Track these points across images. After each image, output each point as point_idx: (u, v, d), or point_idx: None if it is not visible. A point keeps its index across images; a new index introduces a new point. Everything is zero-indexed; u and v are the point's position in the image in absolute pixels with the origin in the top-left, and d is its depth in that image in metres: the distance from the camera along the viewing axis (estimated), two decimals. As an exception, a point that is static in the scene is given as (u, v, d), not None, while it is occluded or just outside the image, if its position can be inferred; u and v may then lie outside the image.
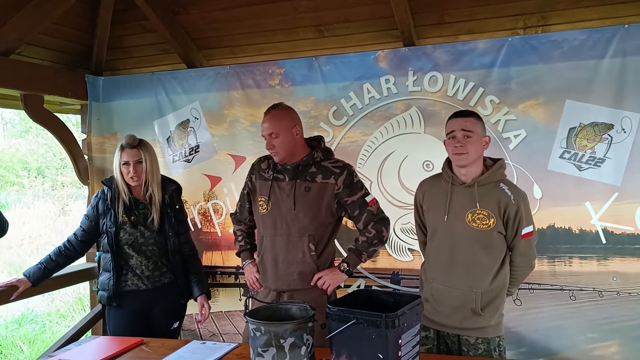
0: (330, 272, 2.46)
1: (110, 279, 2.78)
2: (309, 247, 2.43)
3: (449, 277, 2.31)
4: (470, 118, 2.28)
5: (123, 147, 2.77)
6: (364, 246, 2.49)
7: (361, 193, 2.49)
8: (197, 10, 3.63)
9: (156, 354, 2.17)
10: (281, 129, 2.40)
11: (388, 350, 1.65)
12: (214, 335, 3.58)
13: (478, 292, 2.24)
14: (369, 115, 3.26)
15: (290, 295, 2.44)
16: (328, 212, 2.47)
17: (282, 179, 2.49)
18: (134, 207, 2.81)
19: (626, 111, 2.80)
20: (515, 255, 2.31)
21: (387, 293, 2.01)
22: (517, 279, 2.38)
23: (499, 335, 2.31)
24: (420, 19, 3.26)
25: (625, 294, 2.84)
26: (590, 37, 2.84)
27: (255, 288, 2.59)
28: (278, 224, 2.47)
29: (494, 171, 2.29)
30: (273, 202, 2.48)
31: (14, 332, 5.74)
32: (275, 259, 2.47)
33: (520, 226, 2.25)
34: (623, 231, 2.85)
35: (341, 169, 2.48)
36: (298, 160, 2.47)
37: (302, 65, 3.38)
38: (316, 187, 2.44)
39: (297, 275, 2.44)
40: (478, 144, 2.25)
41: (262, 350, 1.74)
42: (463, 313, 2.26)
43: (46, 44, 3.54)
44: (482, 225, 2.24)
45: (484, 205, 2.24)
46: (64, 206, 11.34)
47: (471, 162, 2.26)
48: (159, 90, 3.69)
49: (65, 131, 3.73)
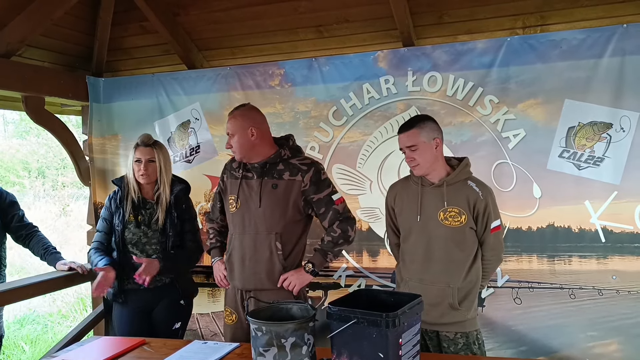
0: (296, 273, 2.47)
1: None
2: (276, 245, 2.44)
3: (425, 274, 2.37)
4: (410, 131, 2.36)
5: (137, 145, 2.85)
6: (329, 246, 2.50)
7: (328, 191, 2.50)
8: (197, 11, 3.63)
9: (158, 354, 2.18)
10: (236, 130, 2.46)
11: (389, 349, 1.66)
12: (215, 334, 3.60)
13: (454, 287, 2.32)
14: (369, 115, 3.27)
15: (256, 294, 2.38)
16: (295, 210, 2.48)
17: (251, 177, 2.52)
18: (141, 206, 2.84)
19: (625, 110, 2.80)
20: (486, 249, 2.39)
21: (388, 292, 2.03)
22: (487, 273, 2.47)
23: (476, 329, 2.39)
24: (419, 19, 3.27)
25: (624, 292, 2.85)
26: (589, 37, 2.85)
27: (223, 285, 2.63)
28: (246, 222, 2.49)
29: (461, 170, 2.38)
30: (242, 200, 2.50)
31: (15, 332, 5.74)
32: (243, 257, 2.49)
33: (489, 220, 2.35)
34: (622, 230, 2.86)
35: (308, 166, 2.49)
36: (264, 158, 2.49)
37: (302, 65, 3.39)
38: (283, 184, 2.46)
39: (264, 274, 2.46)
40: (427, 152, 2.35)
41: (264, 350, 1.75)
42: (441, 309, 2.32)
43: (47, 46, 3.55)
44: (454, 222, 2.32)
45: (453, 203, 2.33)
46: (65, 206, 11.34)
47: (427, 169, 2.37)
48: (159, 91, 3.71)
49: (66, 132, 3.74)
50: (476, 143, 3.06)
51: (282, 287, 2.46)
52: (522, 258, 3.03)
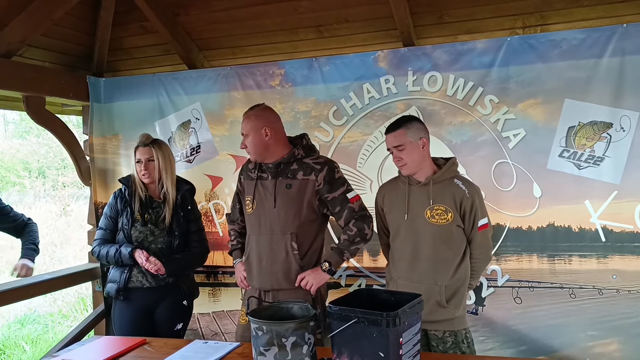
0: (313, 272, 2.46)
1: (123, 272, 2.82)
2: (291, 245, 2.44)
3: (413, 273, 2.39)
4: (397, 131, 2.39)
5: (137, 146, 2.89)
6: (345, 244, 2.49)
7: (342, 189, 2.49)
8: (197, 11, 3.64)
9: (159, 354, 2.18)
10: (250, 130, 2.46)
11: (389, 348, 1.67)
12: (216, 334, 3.60)
13: (442, 285, 2.34)
14: (369, 115, 3.28)
15: (274, 294, 2.45)
16: (310, 209, 2.47)
17: (266, 177, 2.52)
18: (148, 205, 2.85)
19: (625, 110, 2.81)
20: (474, 247, 2.41)
21: (388, 292, 2.03)
22: (476, 271, 2.48)
23: (465, 328, 2.40)
24: (419, 19, 3.28)
25: (624, 292, 2.85)
26: (589, 37, 2.85)
27: (244, 286, 2.63)
28: (262, 222, 2.49)
29: (447, 168, 2.42)
30: (257, 201, 2.51)
31: (16, 332, 5.75)
32: (260, 257, 2.49)
33: (477, 218, 2.37)
34: (622, 229, 2.86)
35: (322, 165, 2.49)
36: (279, 158, 2.49)
37: (302, 65, 3.39)
38: (297, 184, 2.46)
39: (281, 274, 2.46)
40: (414, 151, 2.38)
41: (264, 349, 1.76)
42: (429, 306, 2.31)
43: (47, 46, 3.56)
44: (440, 220, 2.35)
45: (440, 201, 2.36)
46: (65, 206, 11.34)
47: (414, 169, 2.40)
48: (160, 91, 3.71)
49: (66, 132, 3.74)
50: (476, 143, 3.07)
51: (300, 286, 2.45)
52: (522, 258, 3.03)
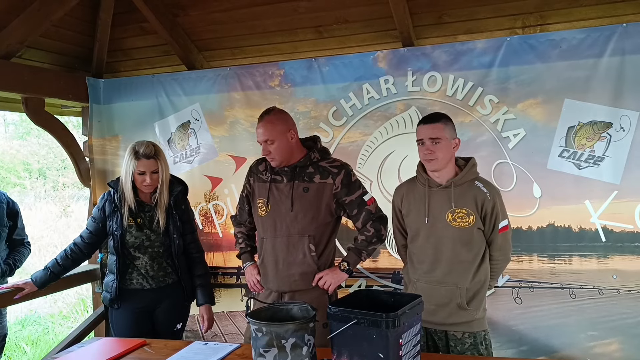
0: (331, 272, 2.47)
1: (114, 281, 2.80)
2: (309, 247, 2.44)
3: (433, 275, 2.37)
4: (437, 124, 2.33)
5: (139, 157, 2.70)
6: (363, 245, 2.50)
7: (359, 192, 2.50)
8: (196, 12, 3.64)
9: (159, 355, 2.18)
10: (276, 135, 2.40)
11: (389, 349, 1.67)
12: (216, 335, 3.60)
13: (463, 287, 2.32)
14: (369, 116, 3.27)
15: (291, 295, 2.46)
16: (327, 212, 2.48)
17: (280, 180, 2.50)
18: (140, 210, 2.81)
19: (625, 109, 2.80)
20: (493, 249, 2.39)
21: (388, 293, 2.02)
22: (496, 272, 2.47)
23: (484, 330, 2.39)
24: (419, 19, 3.27)
25: (625, 292, 2.85)
26: (589, 36, 2.85)
27: (257, 290, 2.61)
28: (278, 225, 2.48)
29: (468, 170, 2.37)
30: (272, 204, 2.49)
31: (17, 333, 5.75)
32: (276, 260, 2.48)
33: (497, 221, 2.34)
34: (622, 229, 2.86)
35: (339, 168, 2.49)
36: (295, 161, 2.48)
37: (301, 66, 3.39)
38: (314, 187, 2.45)
39: (298, 276, 2.46)
40: (447, 149, 2.33)
41: (264, 351, 1.75)
42: (449, 309, 2.32)
43: (47, 47, 3.56)
44: (462, 223, 2.32)
45: (461, 204, 2.32)
46: (66, 207, 11.35)
47: (442, 166, 2.35)
48: (159, 92, 3.71)
49: (66, 133, 3.74)
50: (476, 143, 3.06)
51: (317, 286, 2.46)
52: (523, 258, 3.03)
